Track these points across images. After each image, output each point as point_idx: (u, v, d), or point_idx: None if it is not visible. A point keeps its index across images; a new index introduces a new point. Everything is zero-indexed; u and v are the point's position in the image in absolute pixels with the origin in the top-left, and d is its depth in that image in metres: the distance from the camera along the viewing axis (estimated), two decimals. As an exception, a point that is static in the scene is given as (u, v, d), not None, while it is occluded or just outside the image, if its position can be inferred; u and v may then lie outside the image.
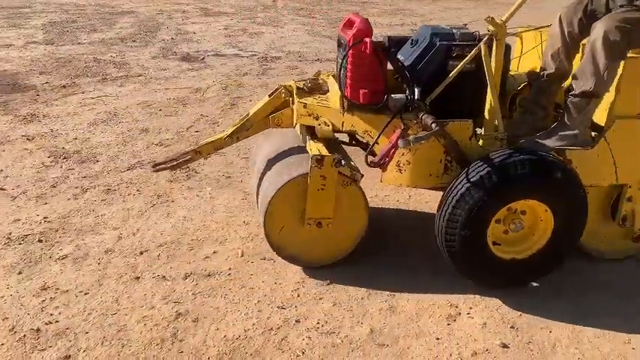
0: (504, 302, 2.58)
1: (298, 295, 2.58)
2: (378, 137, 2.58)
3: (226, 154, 4.09)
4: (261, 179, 2.89)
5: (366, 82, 2.62)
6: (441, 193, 2.61)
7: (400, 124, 2.54)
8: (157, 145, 4.26)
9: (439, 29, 2.75)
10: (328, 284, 2.65)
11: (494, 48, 2.51)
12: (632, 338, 2.39)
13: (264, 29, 9.31)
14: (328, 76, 3.05)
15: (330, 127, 2.72)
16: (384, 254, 2.92)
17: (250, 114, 2.96)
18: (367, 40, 2.56)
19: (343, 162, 2.59)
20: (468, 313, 2.50)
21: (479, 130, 2.67)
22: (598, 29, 2.47)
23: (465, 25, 2.90)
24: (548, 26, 2.92)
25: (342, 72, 2.68)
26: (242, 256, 2.86)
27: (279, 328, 2.36)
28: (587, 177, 2.59)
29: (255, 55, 7.42)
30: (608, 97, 2.59)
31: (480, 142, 2.63)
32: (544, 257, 2.62)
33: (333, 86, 2.88)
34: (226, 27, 9.36)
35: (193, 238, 3.01)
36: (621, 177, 2.73)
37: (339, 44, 2.82)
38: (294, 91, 2.86)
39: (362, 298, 2.57)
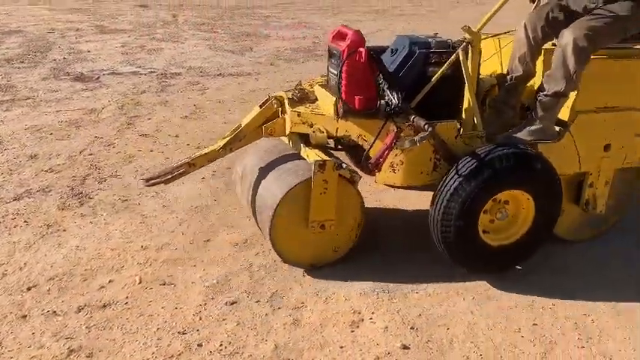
0: (404, 304, 2.66)
1: (200, 319, 2.51)
2: (375, 141, 2.71)
3: (123, 176, 3.93)
4: (254, 190, 2.96)
5: (360, 90, 2.76)
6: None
7: (393, 128, 2.64)
8: (47, 171, 4.01)
9: (416, 39, 2.92)
10: (231, 304, 2.61)
11: (470, 54, 2.68)
12: (522, 327, 2.54)
13: (164, 45, 9.09)
14: (312, 85, 3.12)
15: (325, 133, 2.84)
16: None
17: (242, 125, 3.04)
18: (362, 49, 2.72)
19: (343, 165, 2.73)
20: (370, 319, 2.55)
21: None
22: (567, 37, 2.68)
23: (436, 34, 3.07)
24: (504, 33, 3.16)
25: (336, 80, 2.77)
26: (140, 282, 2.74)
27: (180, 354, 2.28)
28: (556, 167, 2.79)
29: (154, 72, 7.22)
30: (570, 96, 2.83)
31: (464, 141, 2.80)
32: (527, 242, 2.89)
33: (321, 95, 2.98)
34: (123, 44, 9.04)
35: (87, 267, 2.85)
36: (583, 165, 3.01)
37: (331, 55, 2.95)
38: (285, 101, 2.95)
39: (266, 315, 2.55)
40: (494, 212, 2.79)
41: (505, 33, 3.17)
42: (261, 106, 3.05)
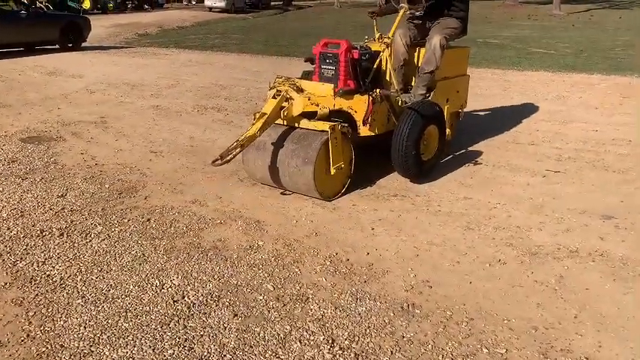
0: (379, 193, 4.48)
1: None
2: (368, 109, 4.24)
3: None
4: (279, 159, 4.12)
5: (352, 77, 4.24)
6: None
7: (370, 99, 4.24)
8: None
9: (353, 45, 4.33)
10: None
11: (388, 51, 4.53)
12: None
13: None
14: (297, 81, 4.36)
15: (327, 109, 4.14)
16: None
17: (268, 112, 3.99)
18: (355, 51, 4.23)
19: (343, 124, 4.11)
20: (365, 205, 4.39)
21: None
22: (435, 38, 4.71)
23: (363, 41, 4.77)
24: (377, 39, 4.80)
25: (333, 73, 4.26)
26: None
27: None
28: None
29: None
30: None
31: (398, 102, 4.57)
32: (436, 155, 4.79)
33: (310, 85, 4.30)
34: None
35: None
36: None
37: (326, 57, 4.34)
38: (291, 92, 4.12)
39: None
40: (423, 141, 4.53)
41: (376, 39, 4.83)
42: (274, 97, 4.06)
